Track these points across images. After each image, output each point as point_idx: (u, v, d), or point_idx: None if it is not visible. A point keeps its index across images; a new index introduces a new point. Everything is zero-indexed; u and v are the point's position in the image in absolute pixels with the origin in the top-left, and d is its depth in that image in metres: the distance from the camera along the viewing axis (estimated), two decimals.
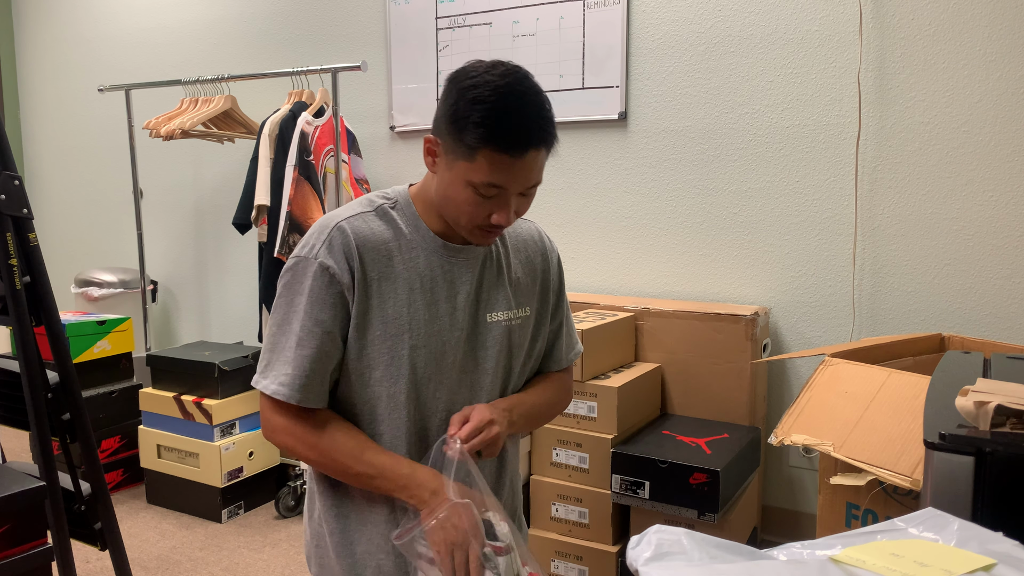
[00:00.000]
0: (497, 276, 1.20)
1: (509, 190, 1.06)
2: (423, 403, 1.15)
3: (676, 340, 2.51)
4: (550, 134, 1.06)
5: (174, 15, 3.86)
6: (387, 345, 1.11)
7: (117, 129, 4.09)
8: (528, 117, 1.03)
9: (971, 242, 2.35)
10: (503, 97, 1.02)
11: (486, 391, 1.19)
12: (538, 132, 1.04)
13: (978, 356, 1.31)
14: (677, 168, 2.75)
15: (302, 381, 1.09)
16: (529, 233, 1.29)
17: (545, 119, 1.05)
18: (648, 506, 2.15)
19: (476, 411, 1.13)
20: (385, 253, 1.12)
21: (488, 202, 1.07)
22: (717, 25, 2.64)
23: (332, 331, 1.09)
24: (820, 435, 1.56)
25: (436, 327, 1.13)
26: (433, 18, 3.12)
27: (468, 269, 1.17)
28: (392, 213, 1.15)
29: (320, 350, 1.09)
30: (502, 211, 1.07)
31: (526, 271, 1.25)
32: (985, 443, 0.85)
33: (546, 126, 1.05)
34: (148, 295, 3.68)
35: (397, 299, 1.11)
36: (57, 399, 1.65)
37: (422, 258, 1.14)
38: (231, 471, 2.95)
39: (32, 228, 1.60)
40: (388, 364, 1.12)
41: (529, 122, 1.03)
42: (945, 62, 2.34)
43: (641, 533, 0.70)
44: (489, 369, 1.19)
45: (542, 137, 1.05)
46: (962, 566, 0.63)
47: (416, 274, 1.13)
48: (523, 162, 1.04)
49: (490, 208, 1.07)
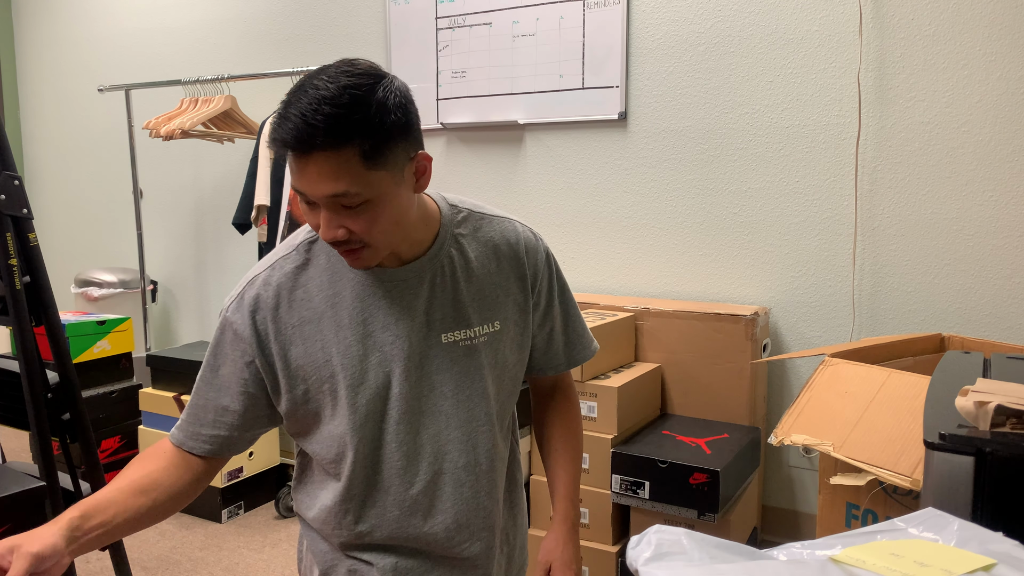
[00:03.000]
0: (453, 293, 1.09)
1: (310, 196, 0.93)
2: (372, 439, 1.07)
3: (676, 340, 2.51)
4: (344, 131, 0.88)
5: (174, 15, 3.86)
6: (326, 387, 1.05)
7: (117, 129, 4.09)
8: (303, 114, 0.88)
9: (971, 242, 2.35)
10: (292, 92, 0.92)
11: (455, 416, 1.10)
12: (313, 133, 0.87)
13: (978, 356, 1.31)
14: (677, 168, 2.75)
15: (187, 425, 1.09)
16: (503, 235, 1.15)
17: (329, 117, 0.87)
18: (648, 506, 2.15)
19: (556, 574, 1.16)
20: (304, 296, 1.05)
21: (313, 212, 0.96)
22: (717, 25, 2.64)
23: (229, 385, 1.06)
24: (820, 435, 1.56)
25: (375, 359, 1.05)
26: (433, 18, 3.12)
27: (410, 291, 1.06)
28: (315, 248, 1.07)
29: (210, 402, 1.07)
30: (321, 224, 0.95)
31: (496, 280, 1.13)
32: (985, 443, 0.85)
33: (333, 123, 0.88)
34: (148, 295, 3.68)
35: (324, 339, 1.04)
36: (57, 399, 1.65)
37: (348, 290, 1.05)
38: (231, 471, 2.95)
39: (32, 228, 1.60)
40: (332, 405, 1.06)
41: (303, 122, 0.88)
42: (945, 62, 2.34)
43: (641, 533, 0.70)
44: (449, 393, 1.08)
45: (319, 141, 0.87)
46: (962, 566, 0.63)
47: (344, 309, 1.04)
48: (311, 166, 0.90)
49: (316, 219, 0.96)
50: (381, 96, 0.91)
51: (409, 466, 1.08)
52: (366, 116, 0.89)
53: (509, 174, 3.08)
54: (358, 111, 0.88)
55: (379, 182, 0.92)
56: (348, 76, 0.90)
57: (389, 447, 1.08)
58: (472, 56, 3.05)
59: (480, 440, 1.12)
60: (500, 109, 3.01)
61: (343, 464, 1.08)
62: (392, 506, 1.09)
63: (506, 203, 3.10)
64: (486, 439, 1.12)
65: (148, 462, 1.05)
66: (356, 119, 0.88)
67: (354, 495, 1.09)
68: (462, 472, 1.11)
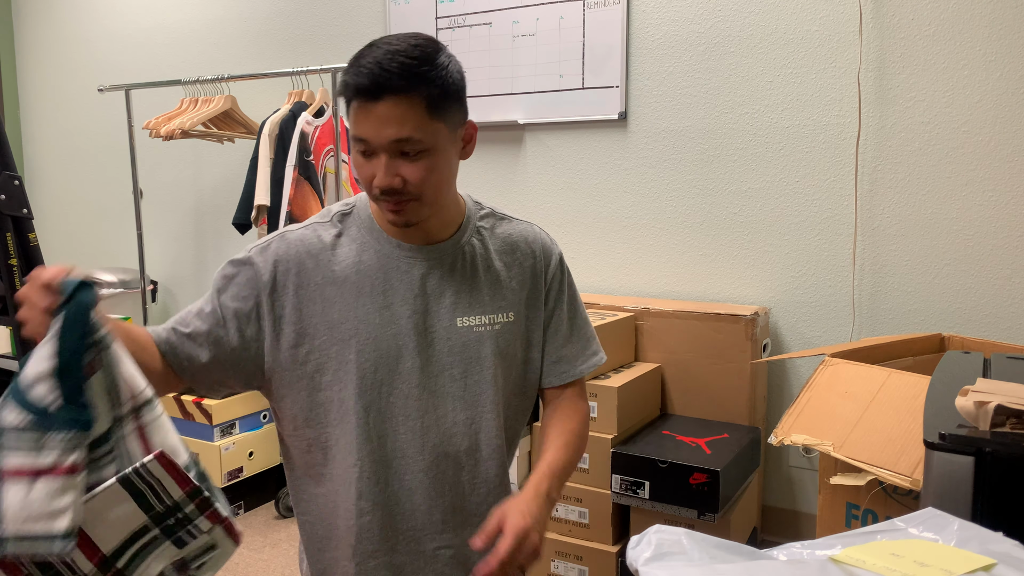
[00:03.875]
0: (472, 280, 1.13)
1: (372, 142, 1.00)
2: (379, 409, 1.08)
3: (676, 340, 2.51)
4: (413, 82, 0.97)
5: (174, 15, 3.86)
6: (335, 349, 1.07)
7: (117, 129, 4.09)
8: (378, 64, 0.97)
9: (971, 242, 2.35)
10: (363, 49, 1.01)
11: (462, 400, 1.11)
12: (387, 79, 0.96)
13: (978, 356, 1.31)
14: (677, 168, 2.75)
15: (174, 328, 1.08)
16: (522, 234, 1.20)
17: (405, 67, 0.97)
18: (648, 506, 2.15)
19: (509, 522, 0.99)
20: (331, 259, 1.09)
21: (369, 163, 1.02)
22: (717, 25, 2.64)
23: (220, 311, 1.08)
24: (820, 435, 1.56)
25: (390, 331, 1.08)
26: (433, 18, 3.12)
27: (433, 271, 1.11)
28: (348, 219, 1.13)
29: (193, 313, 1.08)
30: (378, 171, 1.00)
31: (512, 274, 1.17)
32: (985, 443, 0.85)
33: (405, 73, 0.97)
34: (148, 295, 3.68)
35: (344, 302, 1.08)
36: None
37: (374, 260, 1.09)
38: (231, 471, 2.95)
39: (32, 228, 1.60)
40: (336, 369, 1.08)
41: (379, 69, 0.96)
42: (945, 62, 2.34)
43: (641, 533, 0.70)
44: (458, 376, 1.11)
45: (395, 84, 0.96)
46: (962, 566, 0.63)
47: (367, 278, 1.09)
48: (377, 111, 0.97)
49: (372, 169, 1.01)
50: (444, 60, 1.02)
51: (414, 441, 1.10)
52: (433, 69, 0.99)
53: (509, 174, 3.08)
54: (426, 64, 0.99)
55: (437, 133, 1.01)
56: (415, 39, 1.01)
57: (395, 419, 1.09)
58: (472, 56, 3.05)
59: (483, 426, 1.14)
60: (500, 109, 3.01)
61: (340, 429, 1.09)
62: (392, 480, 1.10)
63: (506, 203, 3.10)
64: (489, 426, 1.14)
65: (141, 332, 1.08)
66: (424, 70, 0.98)
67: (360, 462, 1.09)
68: (463, 456, 1.13)
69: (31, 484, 0.81)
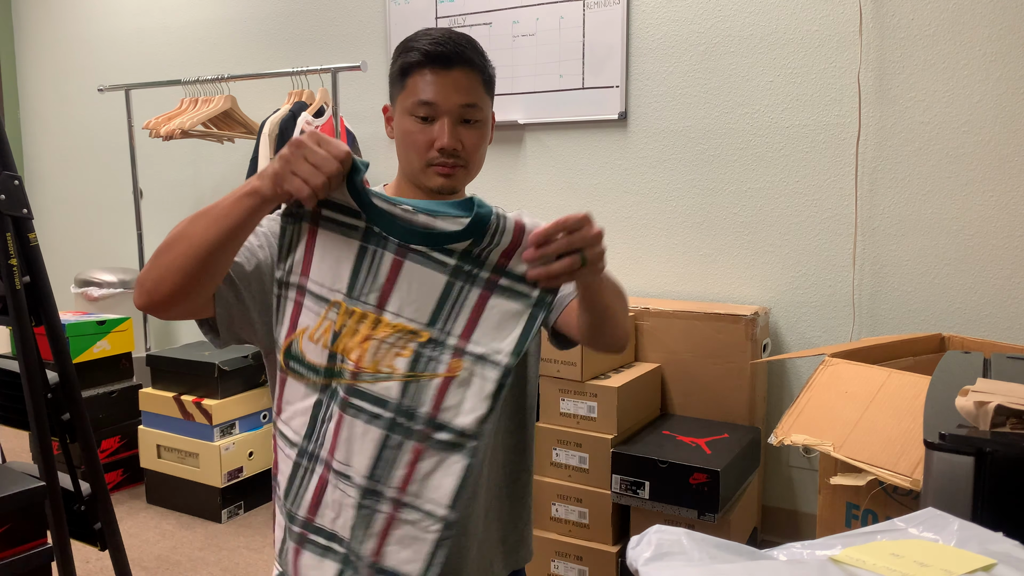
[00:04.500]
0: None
1: (441, 106, 1.10)
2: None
3: (676, 340, 2.51)
4: (478, 58, 1.13)
5: (174, 15, 3.86)
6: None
7: (117, 129, 4.09)
8: (451, 39, 1.11)
9: (971, 242, 2.35)
10: (415, 33, 1.14)
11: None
12: (462, 50, 1.10)
13: (978, 356, 1.31)
14: (677, 168, 2.75)
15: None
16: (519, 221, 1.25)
17: (471, 44, 1.12)
18: (648, 506, 2.15)
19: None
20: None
21: (428, 127, 1.11)
22: (717, 25, 2.64)
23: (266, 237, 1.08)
24: (820, 435, 1.56)
25: None
26: (433, 18, 3.12)
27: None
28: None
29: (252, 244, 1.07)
30: (441, 133, 1.10)
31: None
32: (985, 443, 0.85)
33: (472, 49, 1.12)
34: None
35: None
36: (57, 399, 1.65)
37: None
38: (231, 471, 2.95)
39: (32, 228, 1.60)
40: None
41: (452, 42, 1.10)
42: (945, 62, 2.34)
43: (641, 533, 0.70)
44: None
45: (467, 56, 1.11)
46: (962, 566, 0.63)
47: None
48: (451, 77, 1.10)
49: (431, 134, 1.11)
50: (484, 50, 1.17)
51: None
52: (484, 55, 1.15)
53: (509, 174, 3.08)
54: (479, 48, 1.14)
55: (487, 109, 1.16)
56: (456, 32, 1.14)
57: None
58: None
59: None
60: (500, 109, 3.01)
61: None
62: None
63: (506, 203, 3.10)
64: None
65: None
66: (482, 51, 1.14)
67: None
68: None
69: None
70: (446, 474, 0.97)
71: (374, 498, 0.98)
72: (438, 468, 0.97)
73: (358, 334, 0.96)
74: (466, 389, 0.97)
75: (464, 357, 0.97)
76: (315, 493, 1.00)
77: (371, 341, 0.96)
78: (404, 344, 0.97)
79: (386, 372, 0.96)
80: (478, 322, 0.97)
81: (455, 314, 0.97)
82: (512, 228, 0.96)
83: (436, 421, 0.97)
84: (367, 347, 0.97)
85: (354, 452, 0.98)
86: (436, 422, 0.97)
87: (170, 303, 0.98)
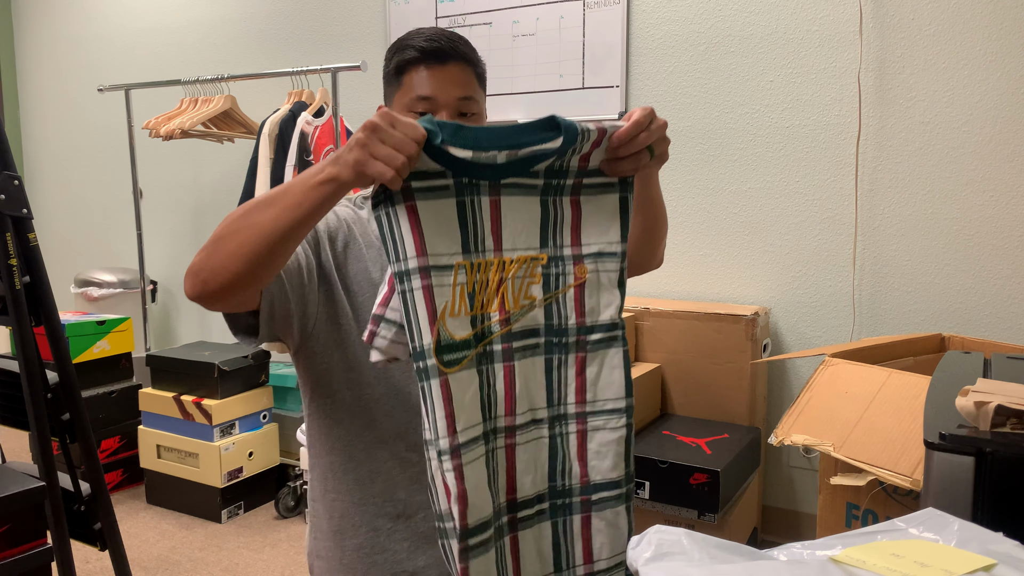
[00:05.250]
0: None
1: (440, 100, 1.12)
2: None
3: (676, 340, 2.51)
4: (471, 53, 1.16)
5: (174, 15, 3.86)
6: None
7: (117, 129, 4.09)
8: (444, 36, 1.13)
9: (971, 242, 2.35)
10: (407, 33, 1.16)
11: None
12: (455, 46, 1.13)
13: (978, 356, 1.31)
14: (677, 168, 2.75)
15: None
16: None
17: (463, 41, 1.15)
18: (648, 506, 2.14)
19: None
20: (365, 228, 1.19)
21: None
22: (717, 25, 2.64)
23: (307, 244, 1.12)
24: (820, 435, 1.56)
25: None
26: (433, 18, 3.12)
27: None
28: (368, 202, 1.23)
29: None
30: None
31: None
32: (985, 443, 0.85)
33: (465, 45, 1.15)
34: (148, 295, 3.68)
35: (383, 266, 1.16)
36: (57, 399, 1.65)
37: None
38: (231, 471, 2.95)
39: (32, 228, 1.60)
40: None
41: (445, 39, 1.13)
42: (945, 62, 2.33)
43: (641, 533, 0.70)
44: None
45: (461, 51, 1.14)
46: (962, 566, 0.63)
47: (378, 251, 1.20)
48: (447, 72, 1.12)
49: None
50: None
51: None
52: (475, 51, 1.18)
53: None
54: (471, 45, 1.17)
55: (482, 103, 1.18)
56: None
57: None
58: None
59: None
60: (500, 109, 3.01)
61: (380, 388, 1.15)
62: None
63: None
64: None
65: None
66: (472, 48, 1.17)
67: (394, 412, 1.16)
68: None
69: None
70: (612, 367, 1.03)
71: (561, 423, 1.03)
72: (603, 366, 1.03)
73: (491, 283, 0.99)
74: (597, 287, 1.03)
75: (584, 261, 1.03)
76: (508, 469, 1.00)
77: (505, 283, 1.00)
78: (532, 272, 1.01)
79: (527, 303, 1.01)
80: (581, 225, 1.03)
81: (560, 227, 1.02)
82: (595, 135, 0.99)
83: (585, 326, 1.02)
84: (504, 290, 1.00)
85: (531, 392, 1.01)
86: (586, 327, 1.02)
87: (226, 293, 0.96)
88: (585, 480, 1.02)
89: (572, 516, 1.03)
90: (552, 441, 1.02)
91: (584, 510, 1.02)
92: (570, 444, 1.03)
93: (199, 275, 0.96)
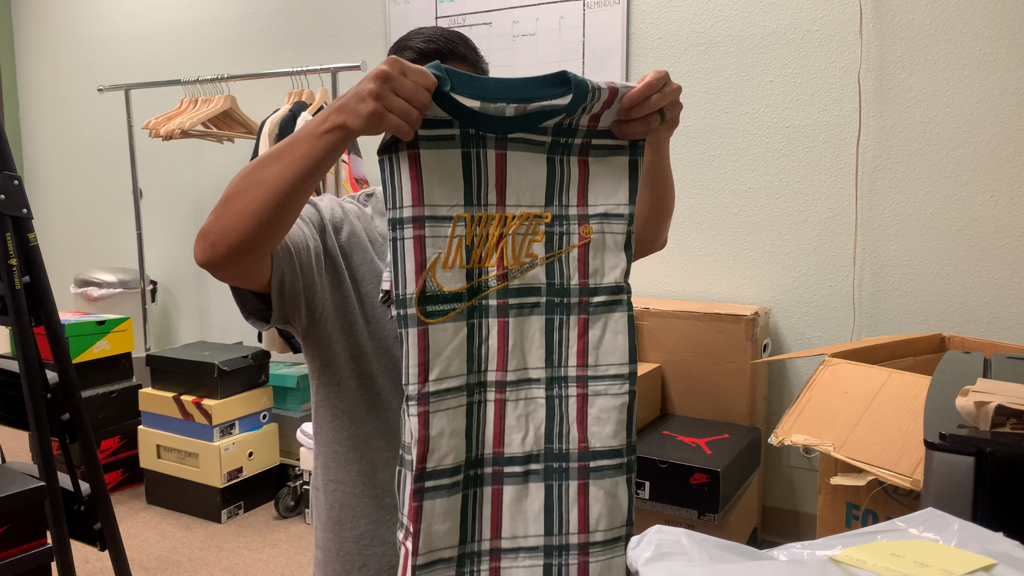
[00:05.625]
0: None
1: None
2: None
3: (676, 340, 2.51)
4: (471, 53, 1.15)
5: (174, 15, 3.86)
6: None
7: (117, 129, 4.09)
8: (444, 35, 1.13)
9: (971, 242, 2.35)
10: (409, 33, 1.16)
11: None
12: (455, 46, 1.13)
13: (978, 356, 1.31)
14: (677, 168, 2.75)
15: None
16: None
17: (464, 40, 1.15)
18: (648, 506, 2.14)
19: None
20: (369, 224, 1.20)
21: None
22: (717, 25, 2.64)
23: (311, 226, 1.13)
24: (820, 435, 1.56)
25: None
26: (433, 18, 3.12)
27: None
28: (372, 199, 1.25)
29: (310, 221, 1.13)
30: None
31: None
32: (985, 443, 0.85)
33: (465, 45, 1.15)
34: (148, 295, 3.68)
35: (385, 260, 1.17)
36: (57, 399, 1.65)
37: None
38: (231, 471, 2.95)
39: (32, 228, 1.60)
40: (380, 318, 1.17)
41: (445, 39, 1.13)
42: (945, 62, 2.33)
43: (641, 533, 0.70)
44: None
45: (461, 51, 1.14)
46: (962, 566, 0.63)
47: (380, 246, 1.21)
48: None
49: None
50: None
51: None
52: (477, 50, 1.17)
53: None
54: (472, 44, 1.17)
55: None
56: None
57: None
58: None
59: None
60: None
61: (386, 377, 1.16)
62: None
63: None
64: None
65: None
66: (473, 47, 1.17)
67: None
68: None
69: None
70: (616, 332, 1.00)
71: (560, 385, 1.00)
72: (607, 330, 1.00)
73: (491, 238, 0.97)
74: (603, 249, 1.01)
75: (590, 221, 1.01)
76: (496, 422, 0.98)
77: (505, 239, 0.98)
78: (535, 229, 0.99)
79: (528, 261, 0.99)
80: (588, 185, 1.01)
81: (566, 186, 1.00)
82: (606, 94, 0.96)
83: (588, 288, 1.00)
84: (504, 246, 0.98)
85: (525, 350, 0.99)
86: (588, 288, 1.00)
87: (237, 255, 0.95)
88: (584, 446, 1.00)
89: (568, 481, 1.00)
90: (549, 402, 1.00)
91: (581, 476, 1.00)
92: (569, 407, 1.00)
93: (208, 238, 0.95)
